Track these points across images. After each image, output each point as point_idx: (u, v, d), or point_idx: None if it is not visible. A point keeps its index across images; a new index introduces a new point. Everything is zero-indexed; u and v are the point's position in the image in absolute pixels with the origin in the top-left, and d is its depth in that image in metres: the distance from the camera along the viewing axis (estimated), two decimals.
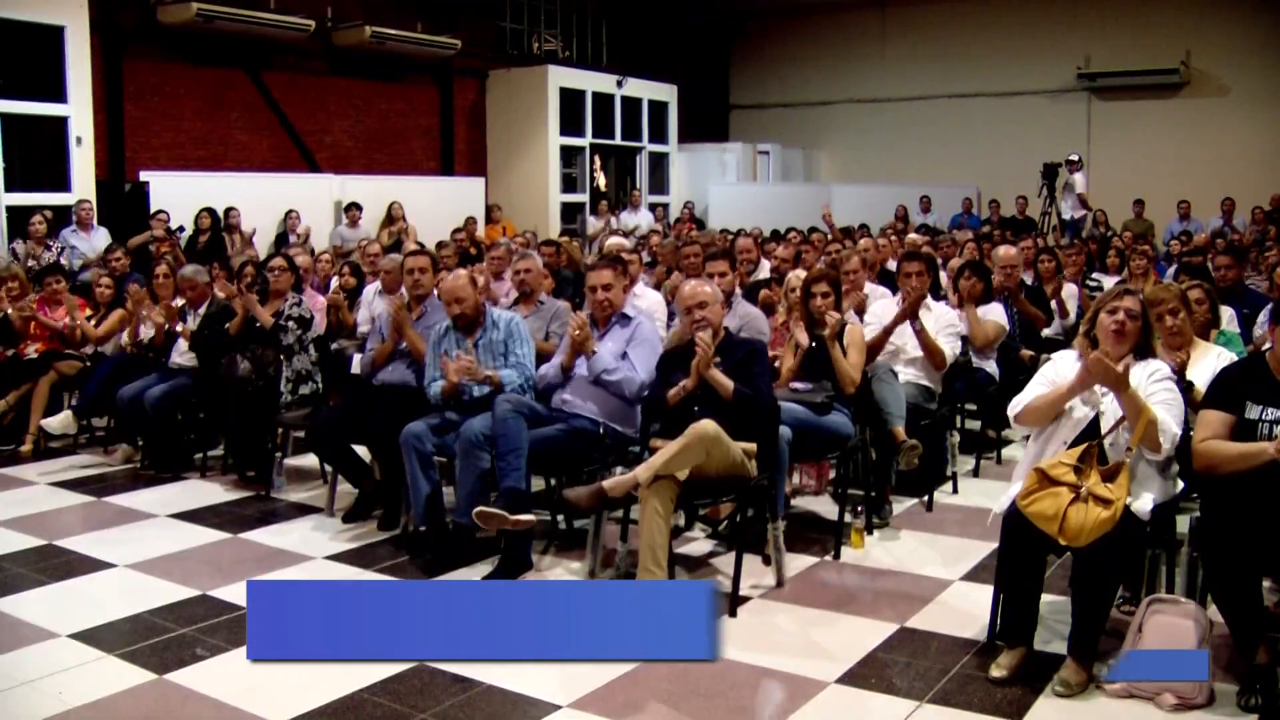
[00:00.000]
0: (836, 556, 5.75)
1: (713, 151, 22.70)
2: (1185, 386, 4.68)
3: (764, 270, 9.38)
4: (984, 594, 4.73)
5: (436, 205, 16.19)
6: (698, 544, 5.97)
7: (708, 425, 4.83)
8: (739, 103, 25.39)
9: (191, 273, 8.15)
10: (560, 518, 6.16)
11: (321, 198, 15.29)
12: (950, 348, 6.68)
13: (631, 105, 20.42)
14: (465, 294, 6.03)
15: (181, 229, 12.00)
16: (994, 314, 7.53)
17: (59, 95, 12.46)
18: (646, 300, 7.59)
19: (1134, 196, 18.64)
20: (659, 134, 21.11)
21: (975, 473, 7.41)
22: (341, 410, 6.72)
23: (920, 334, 6.54)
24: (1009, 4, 21.76)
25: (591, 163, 19.86)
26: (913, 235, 12.65)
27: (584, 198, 19.59)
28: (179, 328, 7.93)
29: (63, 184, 12.56)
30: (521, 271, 6.93)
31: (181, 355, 7.92)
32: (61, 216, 11.85)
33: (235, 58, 15.27)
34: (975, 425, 8.07)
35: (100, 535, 6.28)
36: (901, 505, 6.58)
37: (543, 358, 6.08)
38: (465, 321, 6.03)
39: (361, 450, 6.65)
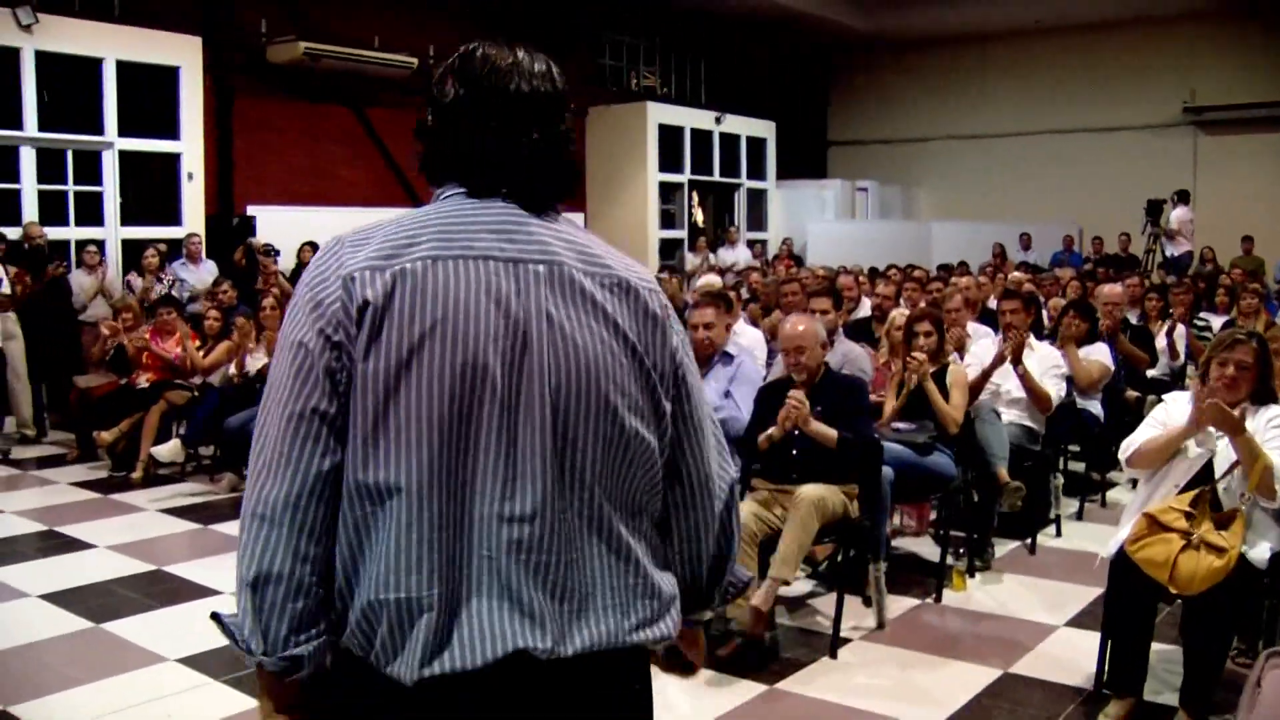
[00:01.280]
0: (938, 599, 5.68)
1: (811, 188, 22.65)
2: None
3: (865, 308, 9.32)
4: (1090, 641, 4.63)
5: None
6: (798, 584, 5.91)
7: (807, 500, 4.82)
8: (837, 139, 25.33)
9: None
10: None
11: None
12: (1055, 389, 6.59)
13: (730, 142, 20.45)
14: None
15: (276, 252, 12.18)
16: (1098, 354, 7.42)
17: (173, 132, 12.80)
18: (747, 337, 7.58)
19: (1242, 233, 18.19)
20: (757, 170, 21.10)
21: (1079, 515, 7.28)
22: None
23: (1024, 378, 6.44)
24: (1113, 38, 21.46)
25: (690, 199, 19.90)
26: (1015, 273, 12.49)
27: (682, 234, 19.63)
28: None
29: (174, 218, 12.89)
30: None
31: None
32: (173, 250, 12.16)
33: (340, 94, 15.57)
34: (1079, 467, 7.94)
35: (206, 562, 6.41)
36: (1004, 547, 6.48)
37: None
38: None
39: None
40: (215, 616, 1.73)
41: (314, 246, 13.16)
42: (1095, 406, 7.34)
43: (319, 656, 1.65)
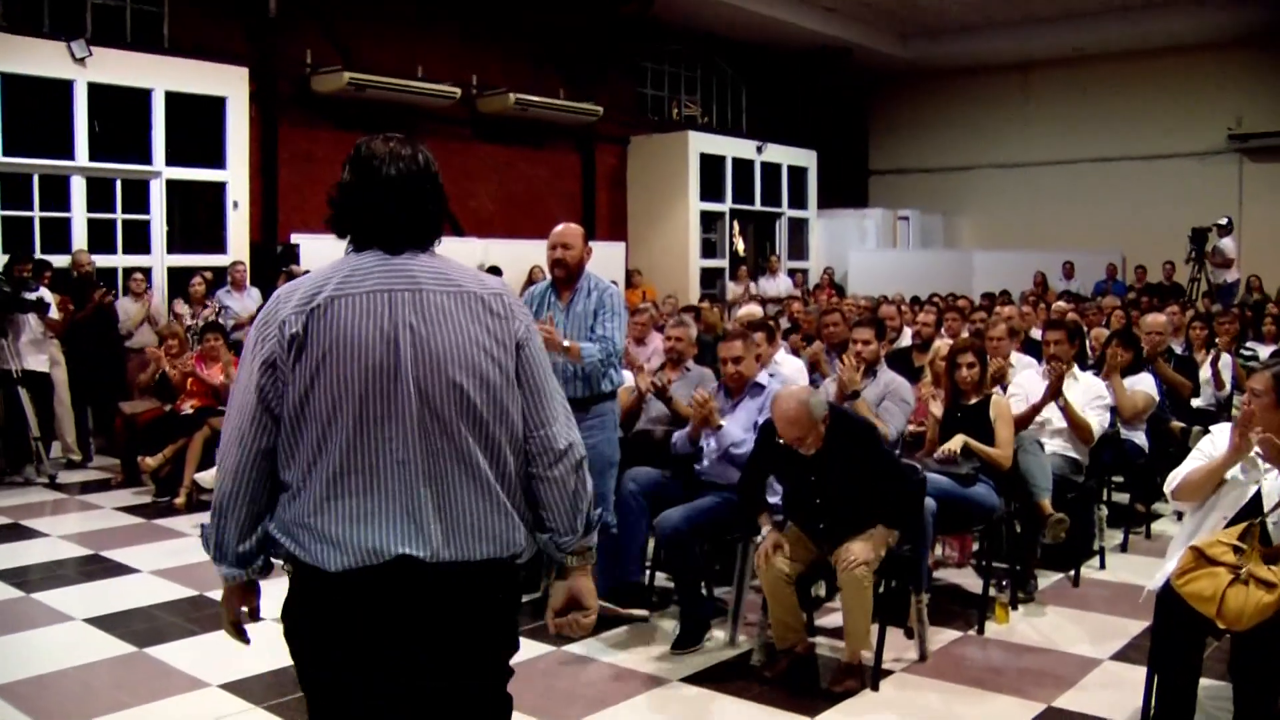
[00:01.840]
0: (981, 631, 5.62)
1: (852, 217, 22.61)
2: None
3: (906, 337, 9.27)
4: (1136, 675, 4.56)
5: None
6: (838, 615, 5.87)
7: (854, 579, 4.78)
8: (878, 168, 25.32)
9: None
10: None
11: (465, 261, 15.42)
12: (1098, 421, 6.52)
13: (771, 171, 20.47)
14: (574, 242, 5.77)
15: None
16: (1143, 384, 7.35)
17: (219, 162, 12.98)
18: (788, 367, 7.54)
19: None
20: (798, 199, 21.09)
21: (1124, 547, 7.19)
22: None
23: (1066, 410, 6.39)
24: (1156, 65, 21.36)
25: (731, 228, 19.92)
26: (1059, 303, 12.40)
27: (723, 263, 19.64)
28: None
29: (219, 246, 13.05)
30: (674, 339, 6.83)
31: None
32: (218, 277, 12.30)
33: (383, 124, 15.55)
34: (1123, 498, 7.85)
35: None
36: (1047, 579, 6.41)
37: (686, 423, 5.99)
38: (565, 275, 5.77)
39: None
40: (201, 526, 2.61)
41: None
42: (1140, 437, 7.27)
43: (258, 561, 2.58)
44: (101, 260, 11.66)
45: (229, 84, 12.97)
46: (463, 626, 2.49)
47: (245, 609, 2.69)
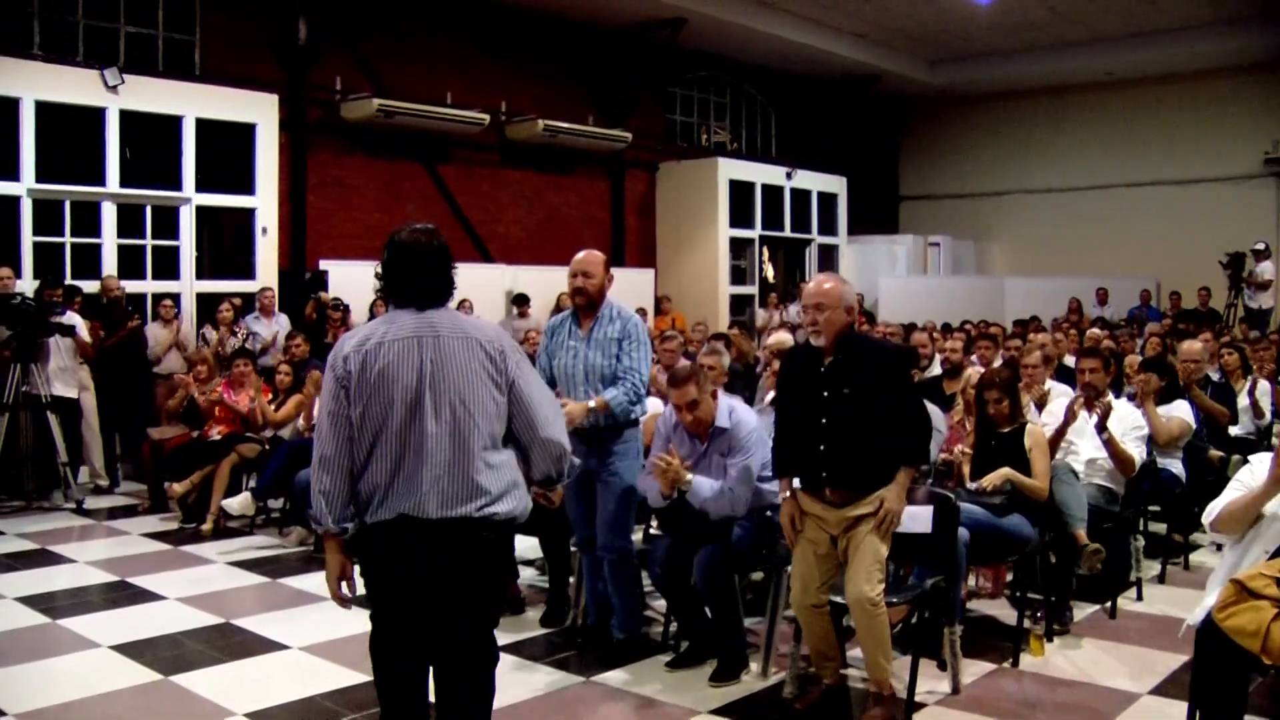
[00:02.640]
0: (1015, 664, 5.55)
1: (882, 244, 22.58)
2: None
3: (937, 366, 9.18)
4: (1177, 710, 4.48)
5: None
6: None
7: (861, 611, 4.64)
8: (909, 194, 25.29)
9: None
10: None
11: (493, 288, 15.63)
12: (1137, 451, 6.44)
13: (801, 197, 20.45)
14: (595, 270, 5.68)
15: (345, 307, 12.34)
16: (1179, 411, 7.28)
17: (248, 188, 13.05)
18: None
19: None
20: (828, 226, 21.07)
21: (1161, 579, 7.09)
22: None
23: (1110, 444, 6.29)
24: (1190, 88, 21.28)
25: (761, 254, 19.91)
26: (1093, 330, 12.31)
27: (753, 290, 19.63)
28: None
29: (248, 272, 13.12)
30: (706, 367, 6.80)
31: None
32: (246, 303, 12.35)
33: (412, 151, 15.79)
34: (1160, 528, 7.74)
35: (274, 616, 6.44)
36: (1083, 611, 6.33)
37: None
38: (585, 302, 5.66)
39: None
40: (307, 507, 3.98)
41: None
42: (1176, 466, 7.19)
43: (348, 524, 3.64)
44: (131, 286, 11.73)
45: (259, 111, 13.07)
46: (454, 564, 3.55)
47: (345, 580, 3.69)
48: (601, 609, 5.82)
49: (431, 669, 3.67)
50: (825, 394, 4.75)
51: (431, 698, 3.69)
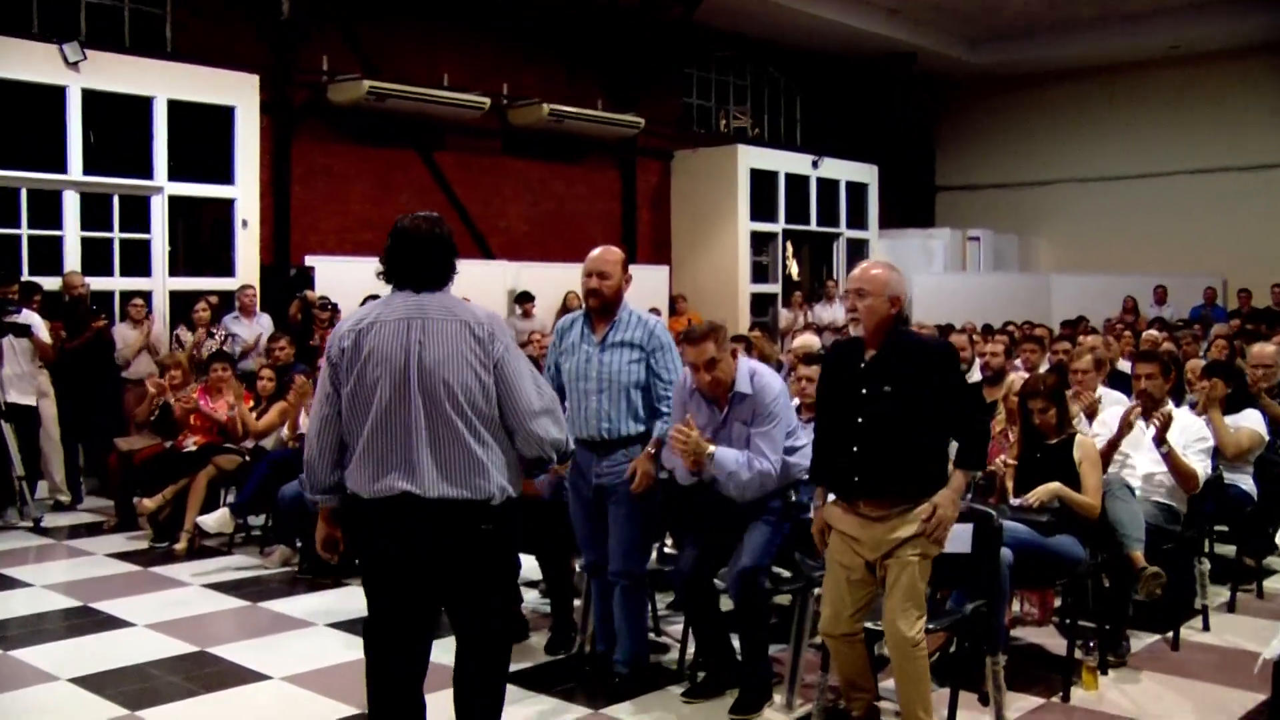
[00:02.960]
0: (1065, 699, 5.50)
1: (917, 238, 22.50)
2: None
3: (975, 371, 9.11)
4: None
5: None
6: None
7: (899, 649, 4.57)
8: (946, 184, 25.24)
9: None
10: None
11: (494, 286, 15.57)
12: (1202, 466, 6.37)
13: (828, 187, 20.40)
14: (611, 270, 5.58)
15: (333, 306, 12.31)
16: (1249, 421, 7.20)
17: (227, 177, 13.04)
18: None
19: None
20: (858, 219, 21.01)
21: (1230, 607, 7.02)
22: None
23: (1170, 457, 6.23)
24: (1259, 63, 21.11)
25: (784, 250, 19.85)
26: (1150, 331, 12.22)
27: (776, 288, 19.55)
28: None
29: (227, 269, 13.10)
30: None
31: None
32: (224, 303, 12.32)
33: (406, 137, 15.77)
34: (1229, 551, 7.65)
35: (254, 644, 6.42)
36: (1141, 641, 6.27)
37: None
38: (599, 305, 5.57)
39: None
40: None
41: (376, 299, 13.17)
42: (1246, 481, 7.10)
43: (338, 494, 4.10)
44: (97, 283, 11.69)
45: (238, 92, 13.04)
46: (451, 548, 3.91)
47: (336, 535, 4.21)
48: (611, 636, 5.76)
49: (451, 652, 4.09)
50: (863, 391, 4.66)
51: (429, 697, 4.08)
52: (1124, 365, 9.42)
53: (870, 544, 4.63)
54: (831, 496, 4.84)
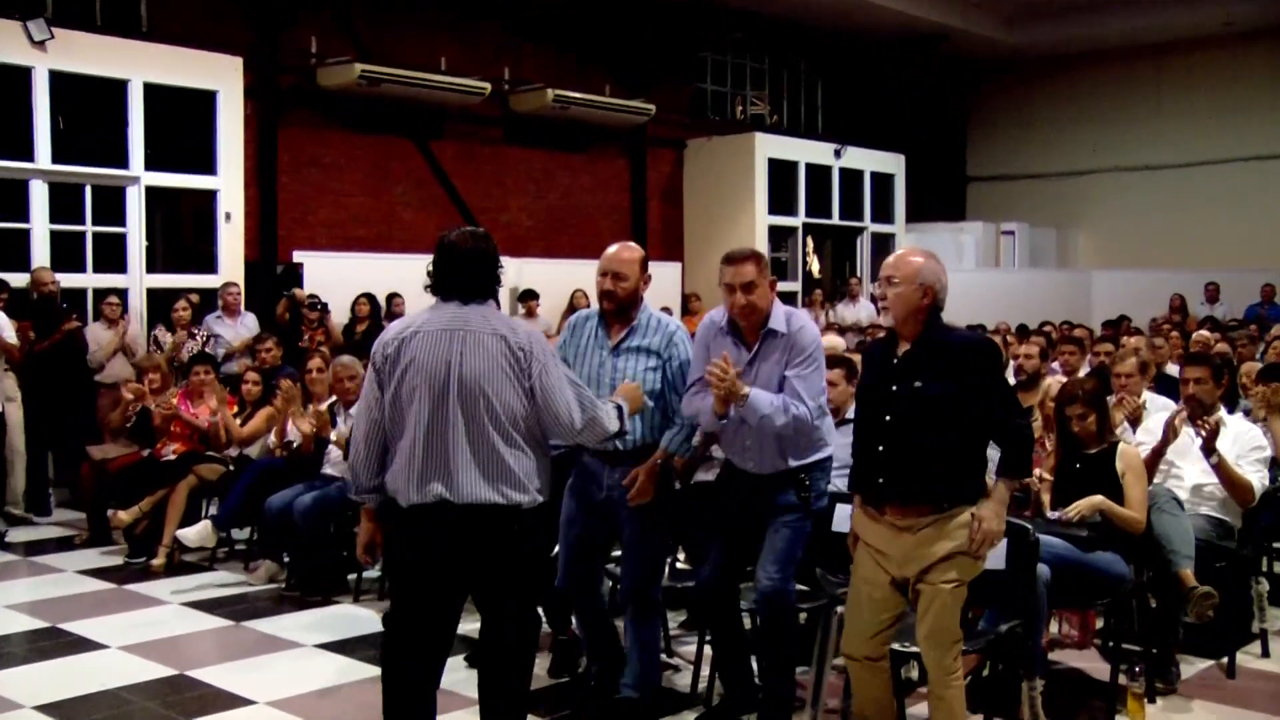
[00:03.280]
0: None
1: (947, 232, 22.48)
2: None
3: (1010, 374, 9.08)
4: None
5: None
6: None
7: (938, 683, 4.55)
8: (978, 174, 25.24)
9: (349, 362, 8.24)
10: None
11: None
12: (1257, 477, 6.33)
13: (852, 178, 20.43)
14: (628, 272, 5.52)
15: (323, 305, 12.30)
16: None
17: (209, 167, 13.03)
18: None
19: None
20: (883, 212, 21.04)
21: None
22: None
23: (1220, 467, 6.19)
24: None
25: (804, 245, 19.87)
26: (1200, 332, 12.18)
27: (796, 286, 19.51)
28: (331, 435, 8.06)
29: (209, 265, 13.09)
30: None
31: (334, 465, 8.05)
32: (206, 301, 12.30)
33: (401, 125, 15.78)
34: None
35: (237, 666, 6.42)
36: (1192, 667, 6.25)
37: None
38: (614, 308, 5.50)
39: None
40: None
41: (370, 299, 13.21)
42: None
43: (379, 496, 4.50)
44: (68, 280, 11.66)
45: (220, 75, 13.04)
46: (484, 550, 4.29)
47: (377, 540, 4.61)
48: (602, 654, 5.76)
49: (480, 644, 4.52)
50: (893, 387, 4.63)
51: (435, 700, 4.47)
52: (1172, 369, 9.39)
53: (898, 558, 4.58)
54: (858, 500, 4.81)
